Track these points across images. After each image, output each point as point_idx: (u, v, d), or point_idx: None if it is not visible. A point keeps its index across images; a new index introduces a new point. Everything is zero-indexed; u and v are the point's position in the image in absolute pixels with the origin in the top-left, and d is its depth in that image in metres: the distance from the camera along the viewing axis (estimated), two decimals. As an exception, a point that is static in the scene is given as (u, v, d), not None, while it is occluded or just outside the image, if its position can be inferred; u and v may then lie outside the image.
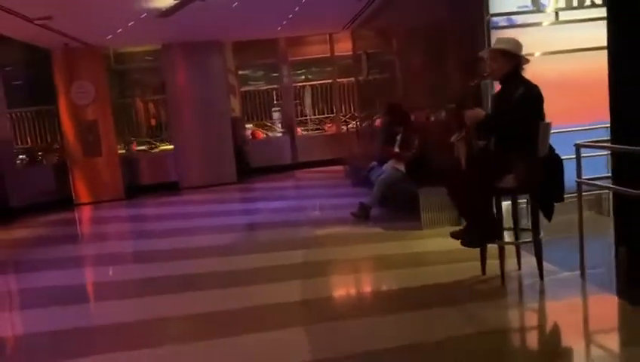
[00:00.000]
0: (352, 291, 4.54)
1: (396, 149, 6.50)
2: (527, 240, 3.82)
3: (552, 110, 4.40)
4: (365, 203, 6.34)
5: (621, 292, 3.54)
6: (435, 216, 5.66)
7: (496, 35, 5.28)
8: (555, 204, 3.64)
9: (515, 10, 5.40)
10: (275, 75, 13.65)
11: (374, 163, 7.09)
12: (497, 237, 3.74)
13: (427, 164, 6.35)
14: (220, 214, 7.93)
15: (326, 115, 13.64)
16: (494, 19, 5.34)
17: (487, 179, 3.55)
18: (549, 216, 3.67)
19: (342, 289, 4.53)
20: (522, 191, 3.62)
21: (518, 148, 3.54)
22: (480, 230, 3.67)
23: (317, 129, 13.50)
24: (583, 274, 3.76)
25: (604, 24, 3.93)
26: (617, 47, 3.59)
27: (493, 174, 3.55)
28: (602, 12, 5.27)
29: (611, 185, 3.82)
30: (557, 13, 5.44)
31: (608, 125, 3.84)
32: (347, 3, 8.89)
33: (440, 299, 3.74)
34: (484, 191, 3.57)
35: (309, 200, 8.65)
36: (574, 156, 3.78)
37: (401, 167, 6.35)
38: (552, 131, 4.95)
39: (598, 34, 5.25)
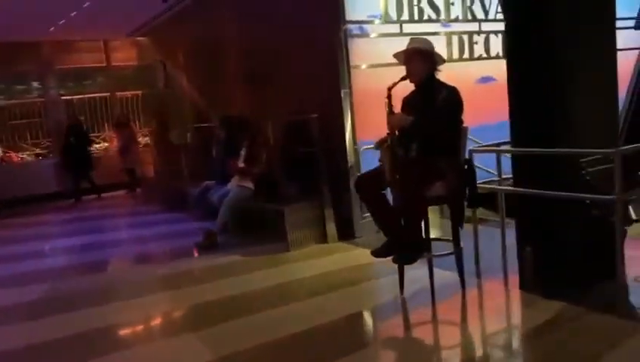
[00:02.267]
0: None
1: (241, 164, 5.82)
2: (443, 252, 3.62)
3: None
4: (212, 228, 5.50)
5: (528, 288, 3.62)
6: (302, 235, 5.20)
7: (352, 44, 5.19)
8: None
9: (365, 19, 5.35)
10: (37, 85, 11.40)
11: (209, 182, 6.28)
12: (427, 249, 3.48)
13: (275, 180, 5.88)
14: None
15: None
16: (350, 26, 5.19)
17: (422, 188, 3.27)
18: (461, 223, 3.57)
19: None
20: (452, 198, 3.43)
21: (444, 154, 3.35)
22: (413, 244, 3.36)
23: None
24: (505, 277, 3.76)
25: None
26: (513, 57, 3.70)
27: (425, 183, 3.29)
28: (436, 27, 5.68)
29: (506, 187, 3.94)
30: (401, 25, 5.58)
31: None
32: (144, 4, 7.87)
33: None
34: (420, 201, 3.28)
35: (119, 232, 7.23)
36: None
37: (248, 184, 5.70)
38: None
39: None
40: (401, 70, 3.46)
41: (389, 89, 3.37)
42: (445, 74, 5.27)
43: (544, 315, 3.12)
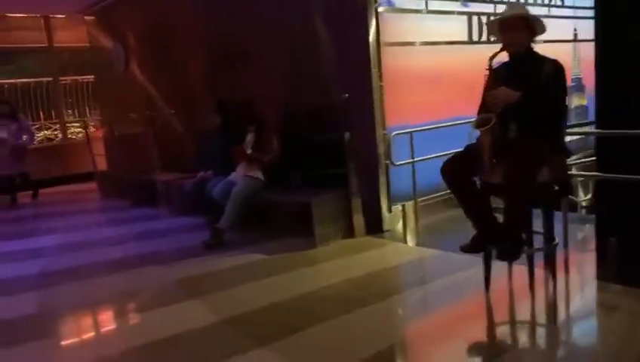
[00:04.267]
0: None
1: (248, 151, 5.19)
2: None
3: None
4: (219, 226, 4.84)
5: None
6: (329, 229, 4.67)
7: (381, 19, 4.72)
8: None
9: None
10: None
11: (204, 173, 5.59)
12: (529, 243, 3.09)
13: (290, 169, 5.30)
14: None
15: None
16: (380, -1, 4.71)
17: (531, 175, 2.87)
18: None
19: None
20: (557, 185, 3.05)
21: (547, 135, 2.97)
22: (515, 237, 2.96)
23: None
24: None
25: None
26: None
27: (534, 169, 2.89)
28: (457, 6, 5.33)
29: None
30: (427, 2, 5.18)
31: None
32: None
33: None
34: (530, 189, 2.88)
35: (94, 231, 6.26)
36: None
37: (257, 174, 5.09)
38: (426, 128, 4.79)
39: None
40: (431, 49, 2.99)
41: (491, 59, 2.94)
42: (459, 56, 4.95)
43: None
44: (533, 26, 3.01)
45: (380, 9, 4.69)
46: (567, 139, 3.28)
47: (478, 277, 3.22)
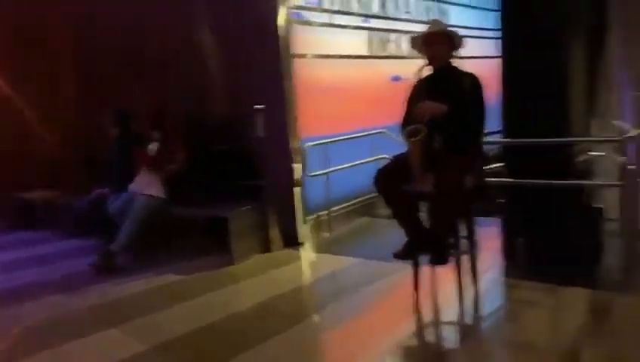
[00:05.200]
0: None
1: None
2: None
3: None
4: (112, 248, 4.45)
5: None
6: (245, 245, 4.53)
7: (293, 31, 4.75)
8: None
9: (302, 4, 4.93)
10: None
11: (100, 190, 5.14)
12: (456, 247, 3.25)
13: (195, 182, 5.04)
14: None
15: None
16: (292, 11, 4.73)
17: (460, 183, 3.03)
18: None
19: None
20: (479, 191, 3.24)
21: (470, 145, 3.16)
22: (443, 242, 3.11)
23: None
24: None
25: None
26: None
27: (461, 177, 3.05)
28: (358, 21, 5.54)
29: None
30: (331, 16, 5.29)
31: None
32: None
33: None
34: (459, 196, 3.03)
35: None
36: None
37: (159, 192, 4.71)
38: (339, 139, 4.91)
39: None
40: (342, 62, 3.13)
41: (417, 72, 3.07)
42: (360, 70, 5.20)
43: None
44: (453, 41, 3.20)
45: (290, 21, 4.69)
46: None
47: (401, 281, 3.34)
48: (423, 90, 3.21)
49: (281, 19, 4.58)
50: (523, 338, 2.87)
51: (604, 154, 4.92)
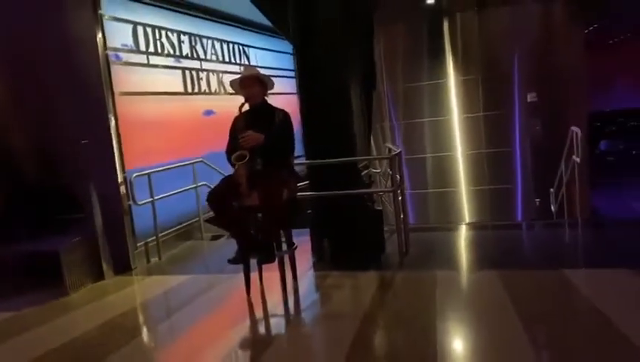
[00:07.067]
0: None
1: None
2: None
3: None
4: None
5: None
6: (79, 275, 4.67)
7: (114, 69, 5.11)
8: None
9: (119, 47, 5.31)
10: None
11: None
12: (280, 248, 4.00)
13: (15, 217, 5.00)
14: None
15: None
16: (110, 53, 5.08)
17: (279, 196, 3.79)
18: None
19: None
20: (293, 202, 4.04)
21: (284, 166, 3.98)
22: (272, 245, 3.85)
23: None
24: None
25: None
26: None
27: (280, 191, 3.83)
28: (172, 61, 6.12)
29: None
30: (148, 57, 5.75)
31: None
32: None
33: None
34: (280, 206, 3.79)
35: None
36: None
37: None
38: (162, 168, 5.43)
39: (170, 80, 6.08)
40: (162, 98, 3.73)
41: (240, 108, 3.82)
42: (177, 106, 5.92)
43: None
44: (265, 83, 4.00)
45: (110, 62, 5.04)
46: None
47: (233, 285, 3.97)
48: (243, 123, 3.94)
49: (101, 61, 4.90)
50: (334, 309, 3.76)
51: (379, 170, 6.29)
